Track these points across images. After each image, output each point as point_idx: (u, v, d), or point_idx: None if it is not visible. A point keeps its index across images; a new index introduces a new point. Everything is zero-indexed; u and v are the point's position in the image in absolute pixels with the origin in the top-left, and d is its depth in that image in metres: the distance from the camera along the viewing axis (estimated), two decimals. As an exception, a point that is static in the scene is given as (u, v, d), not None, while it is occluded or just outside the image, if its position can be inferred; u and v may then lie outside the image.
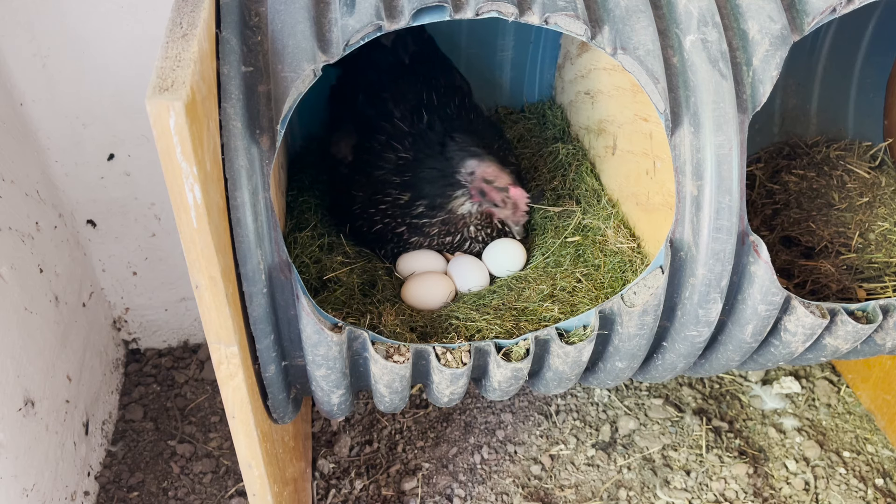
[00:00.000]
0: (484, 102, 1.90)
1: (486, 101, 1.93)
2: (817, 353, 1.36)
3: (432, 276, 1.50)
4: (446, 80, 1.70)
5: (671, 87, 1.13)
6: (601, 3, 1.14)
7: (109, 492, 1.84)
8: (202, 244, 0.94)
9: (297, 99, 1.04)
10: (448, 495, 1.82)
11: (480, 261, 1.54)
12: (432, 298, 1.45)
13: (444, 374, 1.20)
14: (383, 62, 1.70)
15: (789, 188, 1.74)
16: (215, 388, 2.10)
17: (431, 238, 1.52)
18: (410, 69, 1.69)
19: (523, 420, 2.00)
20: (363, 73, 1.69)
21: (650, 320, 1.20)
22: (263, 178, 1.04)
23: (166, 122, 0.84)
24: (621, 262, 1.42)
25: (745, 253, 1.17)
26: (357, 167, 1.60)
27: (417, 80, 1.64)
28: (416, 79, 1.64)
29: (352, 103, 1.70)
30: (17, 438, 1.48)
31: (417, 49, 1.74)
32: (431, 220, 1.49)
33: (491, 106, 1.98)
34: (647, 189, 1.39)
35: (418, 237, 1.52)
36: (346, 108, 1.73)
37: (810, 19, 1.13)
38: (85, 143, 1.76)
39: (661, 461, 1.90)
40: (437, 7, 1.05)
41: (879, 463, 1.92)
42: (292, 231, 1.50)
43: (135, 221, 1.93)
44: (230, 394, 1.10)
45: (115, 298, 2.08)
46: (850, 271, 1.49)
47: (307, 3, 1.10)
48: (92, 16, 1.59)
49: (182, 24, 0.99)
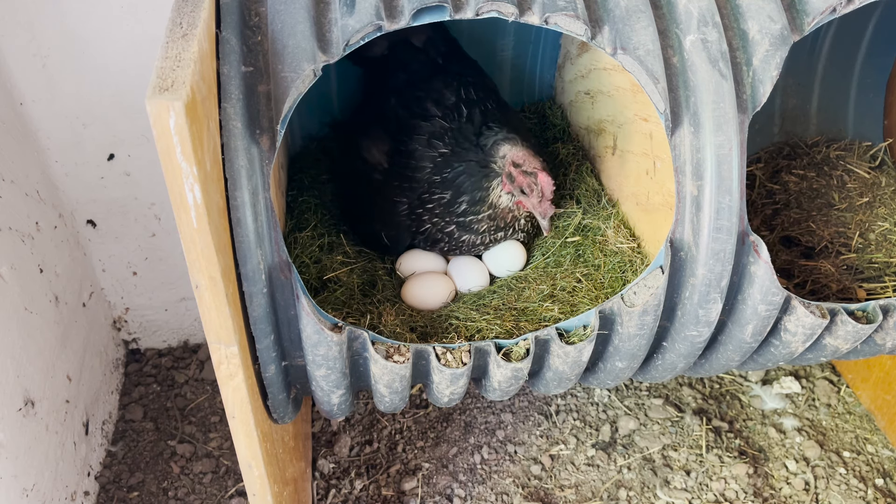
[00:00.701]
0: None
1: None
2: (817, 353, 1.36)
3: (432, 276, 1.50)
4: (478, 78, 1.68)
5: (671, 87, 1.13)
6: (601, 3, 1.14)
7: (109, 492, 1.84)
8: (202, 244, 0.94)
9: (297, 99, 1.04)
10: (448, 495, 1.82)
11: (480, 261, 1.55)
12: (432, 298, 1.44)
13: (444, 374, 1.20)
14: (414, 62, 1.68)
15: (789, 188, 1.74)
16: (215, 388, 2.10)
17: (483, 235, 1.48)
18: (443, 68, 1.66)
19: (523, 420, 2.00)
20: (394, 75, 1.66)
21: (650, 320, 1.20)
22: (263, 178, 1.04)
23: (166, 122, 0.84)
24: (621, 262, 1.42)
25: (745, 253, 1.17)
26: (395, 172, 1.55)
27: (453, 78, 1.61)
28: (451, 77, 1.61)
29: (380, 106, 1.66)
30: (17, 438, 1.48)
31: (447, 49, 1.72)
32: (478, 216, 1.45)
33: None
34: (647, 189, 1.39)
35: (469, 235, 1.48)
36: (372, 111, 1.69)
37: (810, 19, 1.13)
38: (85, 143, 1.76)
39: (661, 461, 1.90)
40: (437, 7, 1.05)
41: (879, 463, 1.92)
42: (292, 231, 1.50)
43: (135, 221, 1.93)
44: (230, 394, 1.10)
45: (115, 298, 2.08)
46: (850, 271, 1.49)
47: (307, 3, 1.10)
48: (92, 16, 1.59)
49: (182, 24, 0.99)
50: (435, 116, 1.53)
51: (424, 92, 1.58)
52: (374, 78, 1.74)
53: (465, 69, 1.68)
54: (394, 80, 1.65)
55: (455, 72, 1.64)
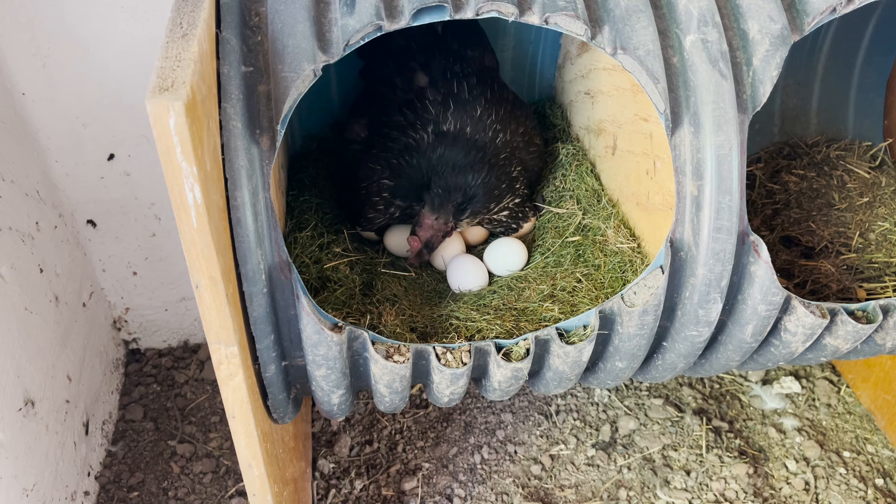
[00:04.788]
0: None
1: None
2: (817, 353, 1.36)
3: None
4: (475, 55, 1.68)
5: (671, 87, 1.13)
6: (601, 3, 1.14)
7: (109, 492, 1.84)
8: (202, 244, 0.94)
9: (297, 99, 1.04)
10: (448, 495, 1.82)
11: (480, 260, 1.55)
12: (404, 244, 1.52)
13: (444, 374, 1.21)
14: (415, 28, 1.69)
15: (789, 188, 1.74)
16: (215, 388, 2.10)
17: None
18: (443, 40, 1.67)
19: (523, 420, 2.00)
20: (393, 39, 1.67)
21: (650, 320, 1.20)
22: (263, 178, 1.04)
23: (166, 122, 0.84)
24: (621, 262, 1.42)
25: (746, 253, 1.17)
26: (371, 140, 1.60)
27: (449, 53, 1.62)
28: (447, 52, 1.62)
29: (378, 72, 1.69)
30: (17, 438, 1.48)
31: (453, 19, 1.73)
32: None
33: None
34: (648, 189, 1.39)
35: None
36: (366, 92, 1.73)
37: (810, 19, 1.13)
38: (85, 143, 1.76)
39: (661, 461, 1.90)
40: (437, 7, 1.06)
41: (879, 463, 1.92)
42: (292, 231, 1.50)
43: (135, 221, 1.93)
44: (230, 394, 1.10)
45: (116, 298, 2.08)
46: (850, 271, 1.49)
47: (307, 3, 1.10)
48: (92, 16, 1.59)
49: (182, 24, 0.99)
50: (423, 96, 1.56)
51: (417, 62, 1.61)
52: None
53: (465, 46, 1.68)
54: (392, 45, 1.67)
55: (452, 48, 1.65)
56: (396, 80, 1.63)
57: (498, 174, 1.49)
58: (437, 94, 1.57)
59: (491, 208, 1.50)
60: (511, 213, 1.54)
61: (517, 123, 1.60)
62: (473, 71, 1.63)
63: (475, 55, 1.67)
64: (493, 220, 1.54)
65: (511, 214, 1.55)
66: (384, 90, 1.64)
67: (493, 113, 1.55)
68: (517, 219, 1.56)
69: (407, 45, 1.66)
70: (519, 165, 1.56)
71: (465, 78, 1.59)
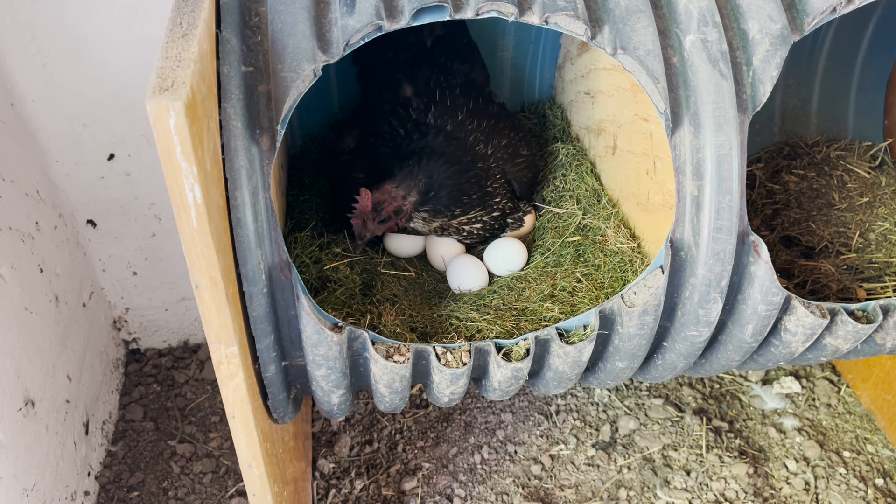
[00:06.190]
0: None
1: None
2: (817, 353, 1.36)
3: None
4: (463, 68, 1.69)
5: (671, 87, 1.13)
6: (601, 3, 1.14)
7: (109, 492, 1.84)
8: (202, 244, 0.94)
9: (297, 99, 1.04)
10: (448, 495, 1.82)
11: (480, 261, 1.55)
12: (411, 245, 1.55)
13: (445, 374, 1.21)
14: (404, 42, 1.69)
15: (789, 188, 1.74)
16: (215, 388, 2.10)
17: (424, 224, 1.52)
18: (430, 53, 1.67)
19: (523, 420, 2.00)
20: (383, 50, 1.68)
21: (650, 320, 1.20)
22: (263, 177, 1.04)
23: (166, 122, 0.84)
24: (621, 262, 1.42)
25: (746, 253, 1.17)
26: (358, 151, 1.63)
27: (434, 66, 1.63)
28: (433, 64, 1.64)
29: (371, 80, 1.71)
30: (17, 438, 1.48)
31: (443, 34, 1.72)
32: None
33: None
34: (648, 189, 1.39)
35: (411, 223, 1.52)
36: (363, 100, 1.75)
37: (810, 19, 1.13)
38: (85, 143, 1.76)
39: (661, 461, 1.90)
40: (437, 7, 1.06)
41: (879, 463, 1.92)
42: (292, 231, 1.50)
43: (135, 221, 1.93)
44: (230, 394, 1.10)
45: (116, 298, 2.08)
46: (850, 271, 1.49)
47: (307, 3, 1.10)
48: (92, 16, 1.59)
49: (182, 24, 0.99)
50: (407, 106, 1.59)
51: (403, 74, 1.63)
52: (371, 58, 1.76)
53: (452, 59, 1.69)
54: (382, 58, 1.68)
55: (439, 61, 1.66)
56: (385, 92, 1.65)
57: (469, 180, 1.49)
58: (420, 102, 1.59)
59: (456, 214, 1.49)
60: (485, 226, 1.54)
61: (500, 137, 1.60)
62: (458, 83, 1.64)
63: (462, 69, 1.69)
64: (461, 230, 1.53)
65: (485, 227, 1.54)
66: (374, 102, 1.67)
67: (475, 122, 1.57)
68: (494, 231, 1.57)
69: (395, 58, 1.68)
70: (501, 179, 1.56)
71: (449, 88, 1.61)
